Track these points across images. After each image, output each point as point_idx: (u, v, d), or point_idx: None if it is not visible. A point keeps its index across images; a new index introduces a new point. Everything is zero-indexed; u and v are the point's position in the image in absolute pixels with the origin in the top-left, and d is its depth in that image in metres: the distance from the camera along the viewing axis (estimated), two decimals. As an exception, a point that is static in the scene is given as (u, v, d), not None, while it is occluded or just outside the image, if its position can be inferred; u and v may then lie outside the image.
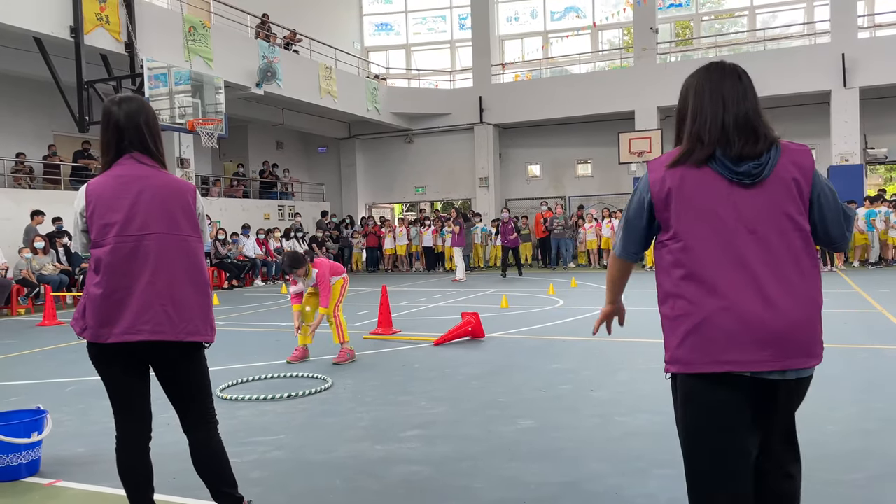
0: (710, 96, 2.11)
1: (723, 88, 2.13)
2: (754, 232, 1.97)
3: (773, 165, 2.01)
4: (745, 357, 1.93)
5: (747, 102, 2.10)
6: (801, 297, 1.99)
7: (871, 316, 8.36)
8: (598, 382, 5.35)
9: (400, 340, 7.74)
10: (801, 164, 2.05)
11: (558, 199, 22.07)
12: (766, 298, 1.93)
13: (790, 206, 2.00)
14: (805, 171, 2.04)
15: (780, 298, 1.95)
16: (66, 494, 3.48)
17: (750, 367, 1.94)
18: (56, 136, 15.88)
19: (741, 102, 2.09)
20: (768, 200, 1.99)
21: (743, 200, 1.99)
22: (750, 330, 1.93)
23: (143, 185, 2.59)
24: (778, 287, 1.96)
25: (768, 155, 2.02)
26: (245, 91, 16.52)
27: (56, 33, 12.14)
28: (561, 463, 3.62)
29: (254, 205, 19.77)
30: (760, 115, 2.10)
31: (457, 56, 24.85)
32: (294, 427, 4.46)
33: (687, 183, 2.02)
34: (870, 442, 3.77)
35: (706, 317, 1.96)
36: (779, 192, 2.00)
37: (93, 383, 5.74)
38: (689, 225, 2.02)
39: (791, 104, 19.66)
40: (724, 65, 2.23)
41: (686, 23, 22.82)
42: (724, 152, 2.01)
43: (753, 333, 1.93)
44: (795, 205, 2.01)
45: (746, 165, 2.00)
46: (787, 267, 1.99)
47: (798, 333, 1.96)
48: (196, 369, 2.68)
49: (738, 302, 1.94)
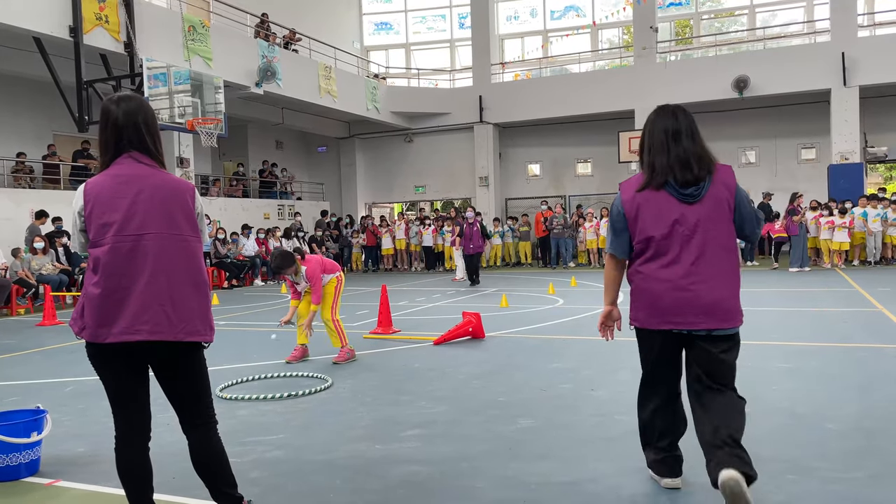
0: (658, 136, 2.99)
1: (665, 127, 2.99)
2: (696, 233, 2.90)
3: (707, 188, 2.92)
4: (685, 320, 2.91)
5: (684, 142, 2.95)
6: (724, 280, 2.91)
7: (871, 315, 8.35)
8: (599, 382, 5.35)
9: (400, 340, 7.74)
10: (728, 183, 2.96)
11: (558, 199, 22.07)
12: (700, 277, 2.89)
13: (720, 216, 2.92)
14: (730, 188, 2.95)
15: (709, 277, 2.89)
16: (66, 494, 3.47)
17: (688, 325, 2.91)
18: (56, 136, 15.88)
19: (678, 144, 2.95)
20: (705, 212, 2.91)
21: (688, 212, 2.90)
22: (686, 300, 2.89)
23: (141, 184, 2.59)
24: (708, 268, 2.89)
25: (706, 180, 2.92)
26: (244, 90, 16.52)
27: (55, 33, 12.14)
28: (561, 462, 3.62)
29: (253, 204, 19.76)
30: (697, 150, 2.94)
31: (456, 55, 24.85)
32: (294, 427, 4.46)
33: (650, 202, 2.96)
34: (870, 441, 3.76)
35: (659, 293, 2.94)
36: (713, 206, 2.91)
37: (92, 383, 5.73)
38: (649, 229, 2.94)
39: (791, 103, 19.66)
40: (668, 108, 3.07)
41: (686, 22, 22.81)
42: (674, 180, 2.92)
43: (688, 302, 2.88)
44: (725, 214, 2.92)
45: (690, 189, 2.91)
46: (715, 259, 2.91)
47: (719, 303, 2.88)
48: (195, 369, 2.68)
49: (679, 281, 2.90)
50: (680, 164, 2.91)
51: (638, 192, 2.99)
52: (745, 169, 21.19)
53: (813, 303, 9.64)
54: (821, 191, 18.67)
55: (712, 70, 19.41)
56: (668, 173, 2.93)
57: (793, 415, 4.31)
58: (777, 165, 20.84)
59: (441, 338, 7.41)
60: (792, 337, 7.03)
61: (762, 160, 21.05)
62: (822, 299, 9.95)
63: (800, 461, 3.48)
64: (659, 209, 2.93)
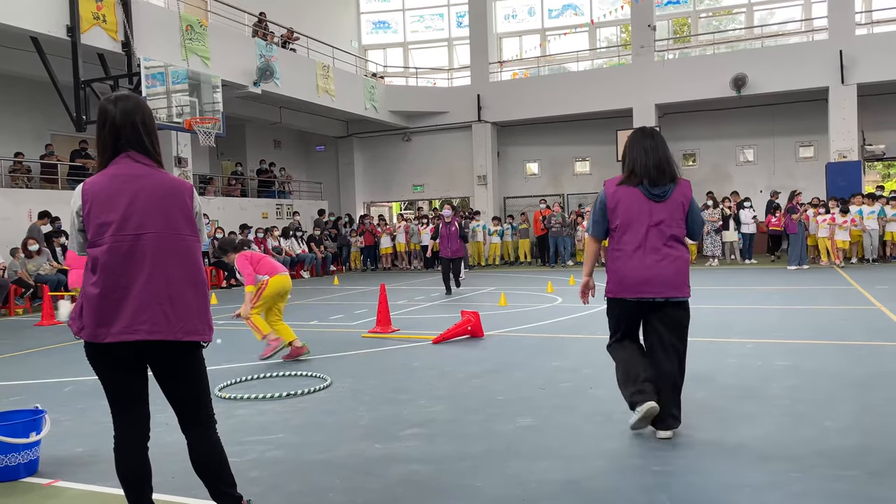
0: (638, 148, 3.90)
1: (644, 144, 3.90)
2: (658, 226, 3.82)
3: (671, 192, 3.83)
4: (646, 291, 3.81)
5: (658, 153, 3.86)
6: (678, 259, 3.83)
7: (869, 312, 8.36)
8: (598, 380, 5.34)
9: (399, 339, 7.74)
10: (686, 193, 3.89)
11: (556, 197, 22.07)
12: (658, 259, 3.80)
13: (678, 215, 3.85)
14: (687, 197, 3.86)
15: (665, 259, 3.80)
16: (65, 494, 3.47)
17: (648, 294, 3.82)
18: (53, 136, 15.86)
19: (654, 154, 3.86)
20: (667, 211, 3.82)
21: (655, 209, 3.82)
22: (648, 276, 3.80)
23: (139, 184, 2.58)
24: (664, 252, 3.81)
25: (671, 186, 3.84)
26: (242, 90, 16.50)
27: (53, 33, 12.12)
28: (561, 461, 3.62)
29: (252, 204, 19.75)
30: (668, 161, 3.87)
31: (454, 54, 24.83)
32: (293, 426, 4.46)
33: (628, 196, 3.85)
34: (869, 438, 3.76)
35: (628, 270, 3.84)
36: (673, 207, 3.83)
37: (91, 383, 5.72)
38: (624, 219, 3.85)
39: (789, 101, 19.67)
40: (647, 129, 4.03)
41: (684, 20, 22.82)
42: (647, 182, 3.82)
43: (649, 277, 3.80)
44: (681, 215, 3.86)
45: (658, 190, 3.82)
46: (671, 244, 3.82)
47: (672, 278, 3.81)
48: (194, 368, 2.67)
49: (644, 261, 3.81)
50: (655, 170, 3.82)
51: (618, 185, 3.90)
52: (743, 167, 21.22)
53: (812, 301, 9.65)
54: (819, 189, 18.69)
55: (710, 68, 19.42)
56: (645, 175, 3.82)
57: (792, 413, 4.31)
58: (775, 163, 20.85)
59: (440, 336, 7.41)
60: (791, 335, 7.03)
61: (760, 158, 21.06)
62: (821, 297, 9.96)
63: (799, 459, 3.48)
64: (633, 202, 3.84)
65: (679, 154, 21.70)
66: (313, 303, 12.13)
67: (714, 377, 5.33)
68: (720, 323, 7.97)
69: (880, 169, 25.74)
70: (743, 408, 4.47)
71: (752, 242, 17.65)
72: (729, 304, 9.54)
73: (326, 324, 9.29)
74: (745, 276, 13.78)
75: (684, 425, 3.98)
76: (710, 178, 21.29)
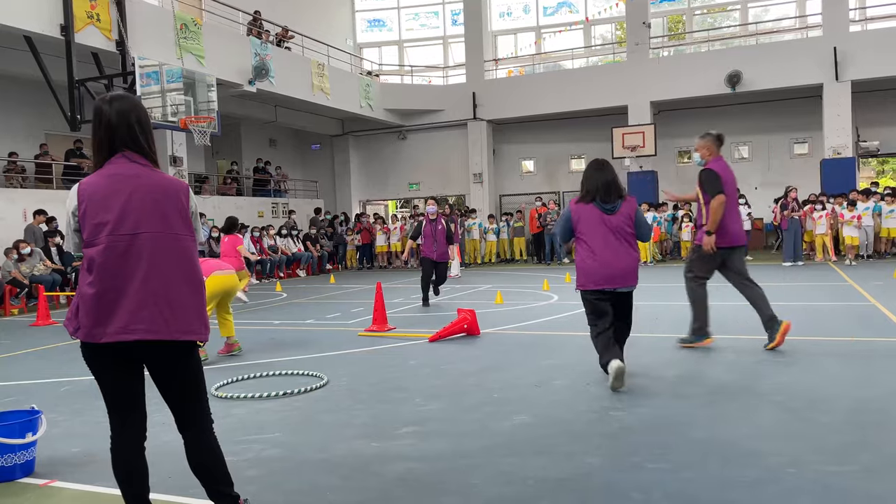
0: (592, 174, 5.15)
1: (597, 172, 5.15)
2: (613, 233, 5.03)
3: (619, 206, 5.06)
4: (608, 283, 4.99)
5: (607, 178, 5.10)
6: (629, 258, 5.04)
7: (864, 308, 8.40)
8: (594, 377, 5.36)
9: (395, 337, 7.74)
10: (632, 206, 5.13)
11: (552, 195, 22.09)
12: (615, 259, 4.99)
13: (626, 223, 5.07)
14: (633, 209, 5.14)
15: (620, 258, 5.01)
16: (62, 494, 3.47)
17: (609, 286, 5.00)
18: (48, 136, 15.81)
19: (604, 179, 5.09)
20: (618, 220, 5.04)
21: (608, 220, 5.04)
22: (609, 272, 4.98)
23: (135, 184, 2.58)
24: (619, 253, 5.01)
25: (619, 202, 5.07)
26: (238, 88, 16.47)
27: (47, 32, 12.08)
28: (557, 458, 3.63)
29: (248, 202, 19.73)
30: (615, 184, 5.11)
31: (449, 52, 24.82)
32: (290, 425, 4.46)
33: (585, 211, 5.09)
34: (863, 434, 3.79)
35: (593, 268, 5.01)
36: (622, 218, 5.06)
37: (87, 383, 5.72)
38: (585, 229, 5.08)
39: (783, 98, 19.72)
40: (600, 160, 5.23)
41: (678, 17, 22.86)
42: (600, 199, 5.06)
43: (610, 273, 4.98)
44: (629, 223, 5.08)
45: (609, 205, 5.05)
46: (624, 247, 5.06)
47: (626, 273, 5.03)
48: (191, 368, 2.68)
49: (604, 261, 4.98)
50: (604, 191, 5.07)
51: (577, 203, 5.19)
52: (738, 164, 21.24)
53: (806, 297, 9.68)
54: (814, 185, 18.74)
55: (705, 65, 19.45)
56: (597, 194, 5.07)
57: (787, 409, 4.33)
58: (770, 160, 20.91)
59: (436, 335, 7.42)
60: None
61: (755, 155, 21.12)
62: (816, 294, 9.99)
63: (794, 455, 3.50)
64: (590, 216, 5.08)
65: (674, 151, 21.75)
66: (310, 301, 12.13)
67: (708, 374, 5.35)
68: (715, 319, 7.98)
69: (875, 165, 25.82)
70: (737, 404, 4.49)
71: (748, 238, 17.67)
72: (724, 301, 9.57)
73: (323, 322, 9.29)
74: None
75: (679, 425, 3.99)
76: (706, 175, 21.35)
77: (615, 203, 5.03)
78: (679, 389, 4.93)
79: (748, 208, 17.52)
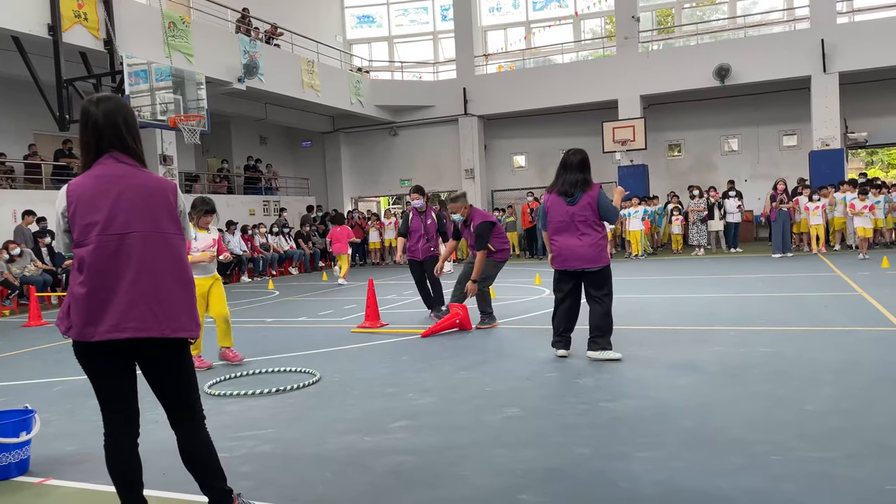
0: (561, 171, 5.84)
1: (564, 169, 5.82)
2: (574, 221, 5.70)
3: (581, 197, 5.70)
4: (568, 264, 5.76)
5: (572, 175, 5.75)
6: (593, 241, 5.68)
7: (850, 298, 8.49)
8: (584, 370, 5.42)
9: (387, 333, 7.78)
10: (593, 195, 5.73)
11: (544, 190, 22.11)
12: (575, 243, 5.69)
13: (589, 211, 5.69)
14: (593, 198, 5.73)
15: (579, 243, 5.68)
16: (57, 493, 3.50)
17: (571, 266, 5.75)
18: (36, 136, 15.74)
19: (570, 175, 5.76)
20: (580, 208, 5.70)
21: (571, 209, 5.71)
22: (569, 254, 5.72)
23: (123, 183, 2.61)
24: (580, 238, 5.68)
25: (580, 193, 5.70)
26: (227, 86, 16.42)
27: (34, 31, 12.02)
28: (546, 449, 3.68)
29: (238, 201, 19.69)
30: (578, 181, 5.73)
31: (440, 48, 24.80)
32: (283, 421, 4.49)
33: (554, 201, 5.83)
34: (848, 421, 3.85)
35: (557, 251, 5.81)
36: (584, 206, 5.69)
37: (79, 383, 5.73)
38: (552, 217, 5.85)
39: (772, 90, 19.81)
40: (569, 154, 5.84)
41: (668, 11, 22.91)
42: (563, 192, 5.76)
43: (569, 255, 5.72)
44: (589, 210, 5.70)
45: (570, 198, 5.73)
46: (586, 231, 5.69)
47: (585, 256, 5.66)
48: (182, 365, 2.71)
49: (565, 244, 5.74)
50: (568, 185, 5.73)
51: (549, 194, 5.90)
52: (727, 157, 21.38)
53: (795, 288, 9.77)
54: (803, 177, 18.85)
55: (694, 59, 19.52)
56: (562, 188, 5.76)
57: (773, 397, 4.39)
58: (759, 152, 21.02)
59: (428, 330, 7.46)
60: (774, 322, 7.13)
61: (744, 148, 21.22)
62: (805, 284, 10.09)
63: (780, 442, 3.56)
64: (558, 205, 5.78)
65: (664, 144, 21.83)
66: (302, 299, 12.14)
67: (698, 364, 5.41)
68: (705, 311, 8.07)
69: (863, 156, 25.99)
70: (725, 393, 4.56)
71: (738, 231, 17.79)
72: (713, 292, 9.65)
73: (315, 319, 9.32)
74: (730, 265, 13.91)
75: (668, 415, 4.05)
76: (696, 168, 21.46)
77: (576, 195, 5.69)
78: (669, 380, 4.99)
79: (737, 200, 17.64)
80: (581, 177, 5.69)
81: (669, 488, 3.09)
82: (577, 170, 5.70)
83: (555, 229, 5.75)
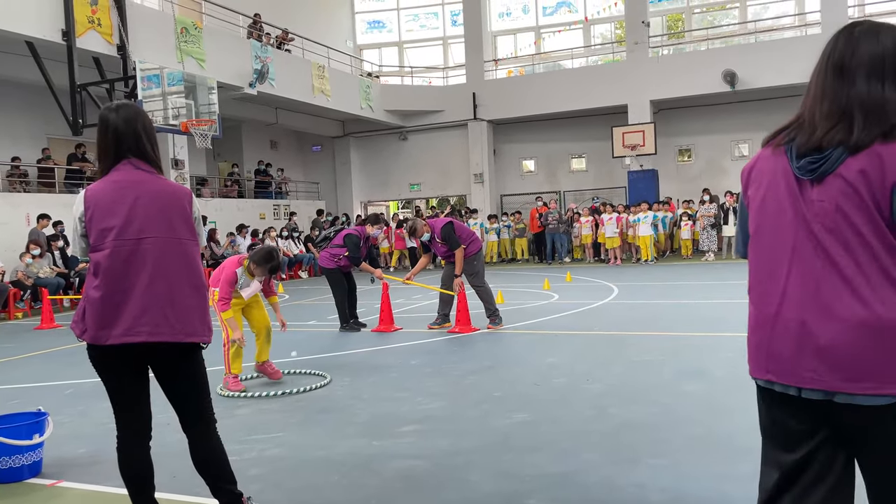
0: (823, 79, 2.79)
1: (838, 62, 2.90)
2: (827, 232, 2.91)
3: (844, 163, 2.89)
4: (804, 374, 2.81)
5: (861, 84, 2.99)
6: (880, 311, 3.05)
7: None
8: (593, 375, 5.42)
9: (399, 337, 7.80)
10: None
11: (553, 194, 22.12)
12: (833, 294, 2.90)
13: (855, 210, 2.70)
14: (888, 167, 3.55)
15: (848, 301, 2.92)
16: (69, 494, 3.53)
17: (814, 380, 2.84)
18: (50, 140, 15.89)
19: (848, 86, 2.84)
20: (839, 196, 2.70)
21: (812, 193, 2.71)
22: (802, 339, 2.53)
23: (140, 190, 2.65)
24: (849, 290, 2.79)
25: (845, 155, 2.80)
26: (238, 91, 16.53)
27: (48, 37, 12.15)
28: (555, 455, 3.69)
29: (249, 205, 19.79)
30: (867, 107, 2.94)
31: (449, 53, 24.87)
32: (293, 424, 4.52)
33: (765, 169, 2.71)
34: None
35: (757, 324, 3.37)
36: (850, 192, 2.73)
37: (91, 385, 5.78)
38: (761, 223, 3.17)
39: (783, 95, 19.69)
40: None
41: (678, 16, 22.88)
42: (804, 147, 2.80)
43: (807, 343, 2.48)
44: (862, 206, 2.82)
45: (816, 165, 2.51)
46: (854, 266, 3.39)
47: (849, 352, 2.79)
48: (194, 369, 2.74)
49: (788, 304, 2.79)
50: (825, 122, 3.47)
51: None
52: (738, 162, 21.27)
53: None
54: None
55: (704, 64, 19.47)
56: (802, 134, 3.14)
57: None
58: (770, 158, 20.91)
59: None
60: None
61: (755, 153, 21.11)
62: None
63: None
64: (775, 188, 3.13)
65: (674, 149, 21.78)
66: (311, 303, 12.19)
67: (707, 371, 5.40)
68: (715, 317, 8.04)
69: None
70: (734, 400, 4.54)
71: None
72: (724, 298, 9.62)
73: (325, 323, 9.36)
74: (741, 271, 13.84)
75: (677, 421, 4.05)
76: (706, 173, 21.38)
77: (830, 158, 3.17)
78: (677, 386, 4.98)
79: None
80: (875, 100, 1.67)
81: (677, 494, 3.09)
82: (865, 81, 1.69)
83: (762, 258, 1.88)
